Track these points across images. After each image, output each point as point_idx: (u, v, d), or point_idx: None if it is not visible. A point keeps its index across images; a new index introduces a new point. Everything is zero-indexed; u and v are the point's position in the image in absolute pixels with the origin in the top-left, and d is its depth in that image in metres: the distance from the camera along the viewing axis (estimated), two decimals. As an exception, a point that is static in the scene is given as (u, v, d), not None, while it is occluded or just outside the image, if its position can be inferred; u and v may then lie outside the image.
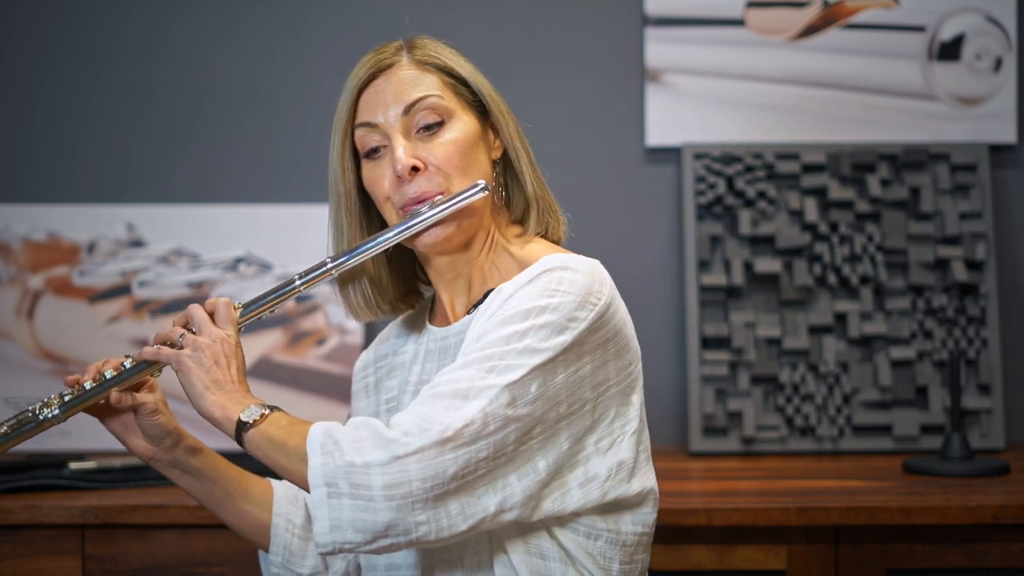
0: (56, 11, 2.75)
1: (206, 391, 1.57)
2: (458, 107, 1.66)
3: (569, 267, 1.56)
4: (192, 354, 1.58)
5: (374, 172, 1.65)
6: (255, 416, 1.54)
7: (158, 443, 1.71)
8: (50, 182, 2.75)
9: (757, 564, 2.15)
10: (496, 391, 1.48)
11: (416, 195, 1.62)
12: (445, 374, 1.52)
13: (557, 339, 1.52)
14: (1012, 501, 2.13)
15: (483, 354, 1.51)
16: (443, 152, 1.63)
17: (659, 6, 2.71)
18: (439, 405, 1.48)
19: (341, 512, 1.46)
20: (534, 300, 1.53)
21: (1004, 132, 2.72)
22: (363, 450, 1.46)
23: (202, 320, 1.62)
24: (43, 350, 2.65)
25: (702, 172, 2.69)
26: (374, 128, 1.64)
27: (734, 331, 2.63)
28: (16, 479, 2.23)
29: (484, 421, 1.47)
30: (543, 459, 1.53)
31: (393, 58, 1.67)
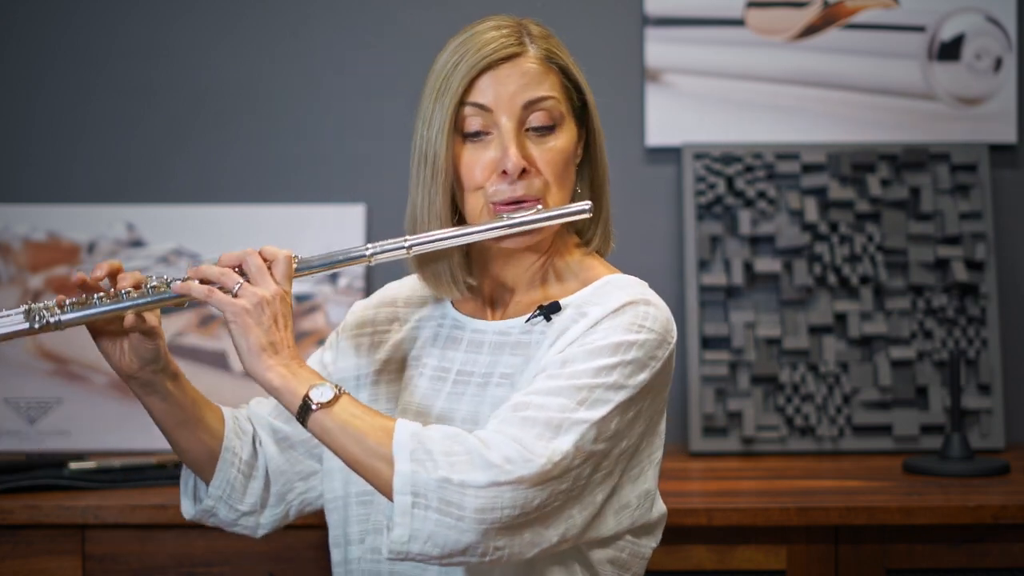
0: (56, 11, 2.75)
1: (263, 352, 1.50)
2: (568, 113, 1.64)
3: (651, 302, 1.57)
4: (252, 308, 1.51)
5: (473, 156, 1.59)
6: (327, 398, 1.48)
7: (145, 364, 1.63)
8: (50, 182, 2.75)
9: (757, 564, 2.15)
10: (586, 427, 1.48)
11: (519, 197, 1.58)
12: (532, 395, 1.49)
13: (639, 378, 1.52)
14: (1012, 501, 2.13)
15: (573, 384, 1.49)
16: (551, 159, 1.60)
17: (659, 6, 2.71)
18: (532, 433, 1.46)
19: (424, 524, 1.43)
20: (622, 335, 1.52)
21: (1004, 132, 2.72)
22: (460, 468, 1.43)
23: (261, 269, 1.55)
24: (43, 350, 2.65)
25: (702, 172, 2.69)
26: (486, 112, 1.59)
27: (734, 331, 2.63)
28: (16, 479, 2.24)
29: (574, 455, 1.47)
30: (601, 493, 1.53)
31: (518, 47, 1.61)
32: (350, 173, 2.74)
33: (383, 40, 2.74)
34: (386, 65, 2.75)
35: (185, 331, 2.63)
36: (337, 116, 2.75)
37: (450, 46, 1.64)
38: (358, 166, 2.74)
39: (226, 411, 1.75)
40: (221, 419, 1.73)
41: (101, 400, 2.62)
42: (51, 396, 2.63)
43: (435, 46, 2.75)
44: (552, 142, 1.61)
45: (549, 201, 1.60)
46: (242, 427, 1.75)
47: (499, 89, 1.59)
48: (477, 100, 1.59)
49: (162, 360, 1.65)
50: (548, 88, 1.61)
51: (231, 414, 1.75)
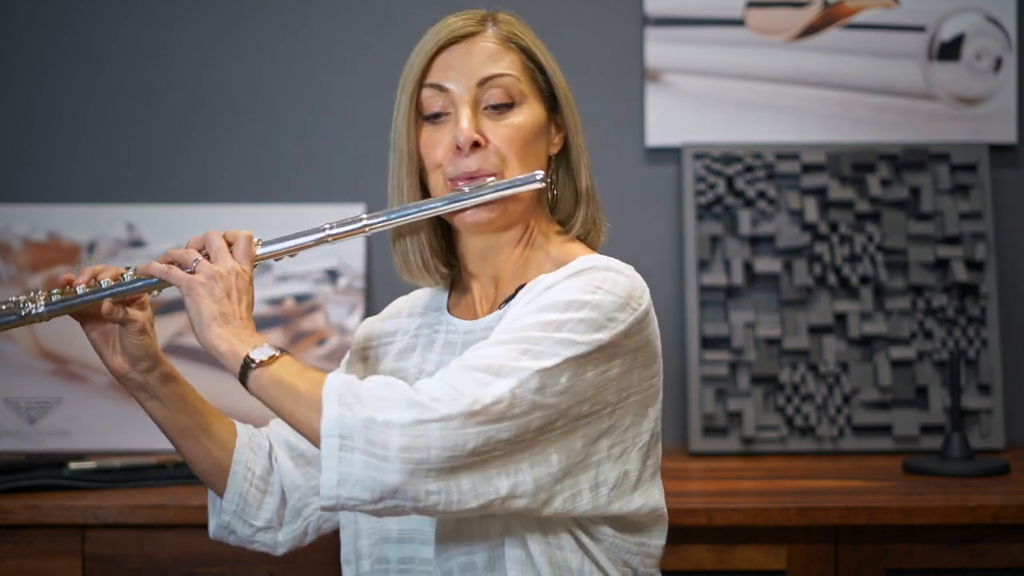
0: (56, 11, 2.75)
1: (212, 322, 1.52)
2: (531, 93, 1.63)
3: (613, 268, 1.55)
4: (205, 281, 1.54)
5: (432, 137, 1.61)
6: (265, 356, 1.50)
7: (135, 363, 1.67)
8: (50, 182, 2.75)
9: (757, 564, 2.15)
10: (528, 374, 1.45)
11: (471, 171, 1.59)
12: (477, 350, 1.49)
13: (594, 335, 1.50)
14: (1012, 501, 2.13)
15: (519, 335, 1.48)
16: (507, 134, 1.60)
17: (659, 6, 2.71)
18: (469, 377, 1.45)
19: (352, 467, 1.42)
20: (576, 294, 1.51)
21: (1004, 132, 2.72)
22: (386, 407, 1.42)
23: (220, 249, 1.57)
24: (43, 350, 2.65)
25: (702, 172, 2.69)
26: (443, 92, 1.61)
27: (734, 331, 2.63)
28: (16, 479, 2.24)
29: (512, 401, 1.45)
30: (556, 453, 1.49)
31: (478, 27, 1.63)
32: (350, 173, 2.74)
33: (383, 40, 2.74)
34: (386, 65, 2.74)
35: (185, 331, 2.63)
36: (337, 116, 2.75)
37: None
38: (358, 166, 2.74)
39: (242, 427, 1.77)
40: (232, 432, 1.75)
41: (101, 400, 2.62)
42: (51, 396, 2.63)
43: (435, 46, 2.76)
44: (510, 118, 1.61)
45: (508, 176, 1.60)
46: (257, 442, 1.76)
47: (453, 66, 1.61)
48: (434, 80, 1.61)
49: (152, 358, 1.67)
50: (506, 66, 1.62)
51: (247, 430, 1.77)
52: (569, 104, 1.67)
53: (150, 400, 1.69)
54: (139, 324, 1.66)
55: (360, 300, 2.66)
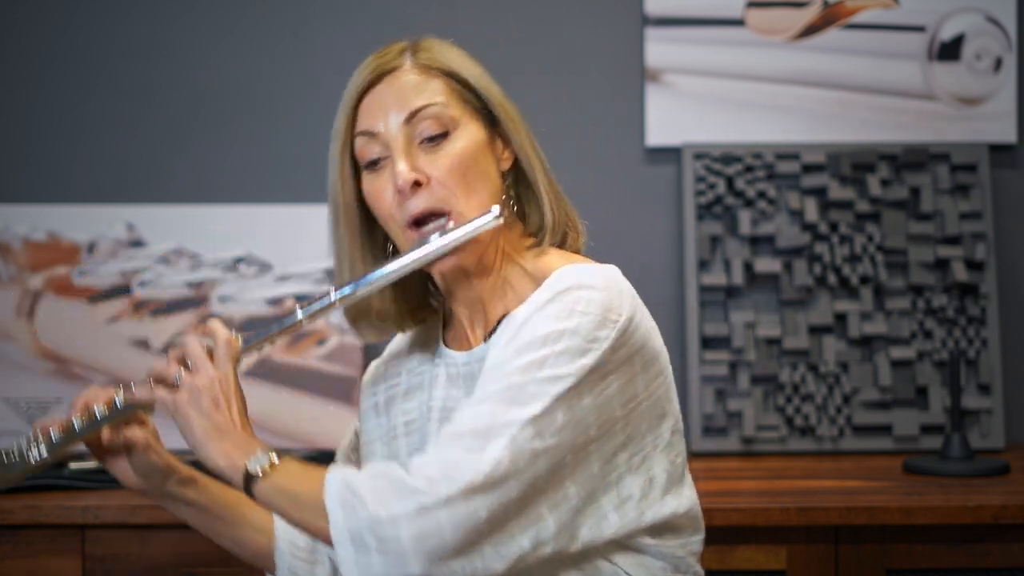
0: (56, 11, 2.75)
1: (207, 439, 1.49)
2: (464, 115, 1.56)
3: (584, 284, 1.47)
4: (189, 398, 1.51)
5: (375, 185, 1.56)
6: (263, 465, 1.47)
7: (148, 478, 1.65)
8: (50, 182, 2.75)
9: (757, 564, 2.15)
10: (519, 426, 1.40)
11: (419, 212, 1.53)
12: (463, 410, 1.44)
13: (579, 363, 1.43)
14: (1012, 501, 2.13)
15: (501, 385, 1.42)
16: (446, 165, 1.53)
17: (659, 6, 2.71)
18: (460, 447, 1.40)
19: (372, 569, 1.38)
20: (551, 324, 1.44)
21: (1004, 132, 2.72)
22: (386, 501, 1.38)
23: (199, 358, 1.53)
24: (43, 350, 2.65)
25: (702, 172, 2.69)
26: (374, 137, 1.56)
27: (734, 331, 2.63)
28: (16, 479, 2.23)
29: (511, 459, 1.39)
30: (573, 485, 1.45)
31: (395, 61, 1.57)
32: (350, 173, 2.74)
33: (383, 40, 2.73)
34: (386, 65, 2.74)
35: (185, 331, 2.63)
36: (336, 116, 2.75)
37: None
38: (358, 166, 2.74)
39: None
40: (267, 513, 1.71)
41: (101, 400, 2.62)
42: (51, 396, 2.63)
43: (435, 46, 2.76)
44: (447, 148, 1.54)
45: (459, 208, 1.54)
46: None
47: (378, 108, 1.56)
48: (364, 128, 1.57)
49: (164, 470, 1.66)
50: (431, 95, 1.55)
51: None
52: (509, 114, 1.60)
53: (176, 505, 1.68)
54: (141, 444, 1.63)
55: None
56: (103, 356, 2.63)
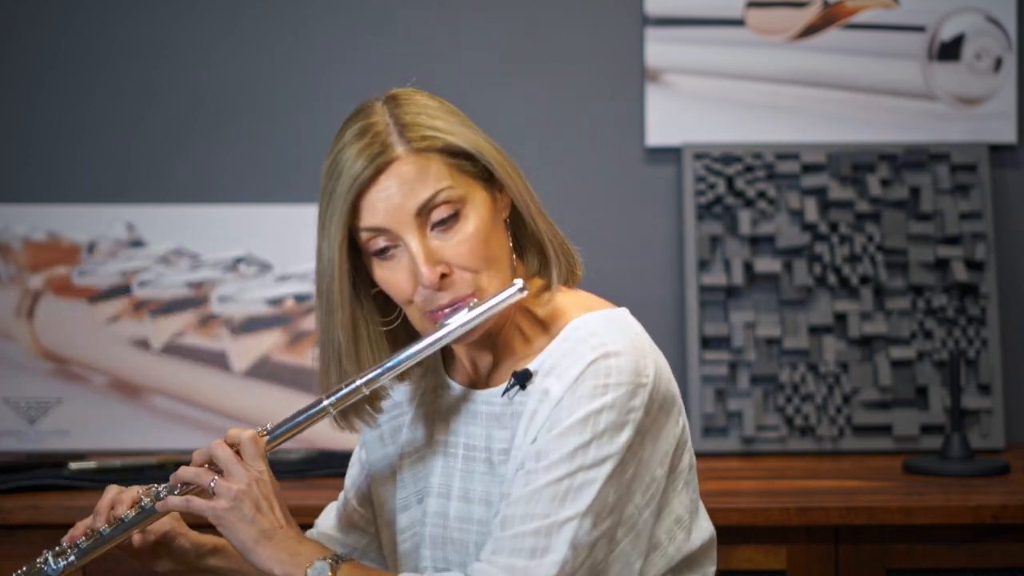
0: (56, 11, 2.75)
1: (257, 545, 1.47)
2: (468, 188, 1.50)
3: (610, 352, 1.46)
4: (230, 506, 1.47)
5: (391, 275, 1.50)
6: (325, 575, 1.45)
7: (182, 561, 1.63)
8: (50, 182, 2.75)
9: (757, 564, 2.15)
10: (577, 521, 1.42)
11: (449, 302, 1.49)
12: (514, 505, 1.44)
13: (620, 440, 1.45)
14: (1012, 501, 2.13)
15: (550, 478, 1.43)
16: (465, 251, 1.48)
17: (659, 6, 2.71)
18: (524, 554, 1.42)
19: None
20: (588, 404, 1.44)
21: (1004, 132, 2.72)
22: None
23: (229, 460, 1.50)
24: (43, 350, 2.65)
25: (702, 172, 2.69)
26: (383, 232, 1.49)
27: (734, 331, 2.63)
28: (16, 479, 2.24)
29: (575, 555, 1.42)
30: (638, 557, 1.48)
31: (389, 152, 1.49)
32: (350, 173, 2.74)
33: (383, 40, 2.74)
34: (386, 65, 2.74)
35: (185, 331, 2.63)
36: (337, 116, 2.74)
37: (325, 164, 1.55)
38: (358, 166, 2.73)
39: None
40: None
41: (101, 400, 2.62)
42: (51, 396, 2.63)
43: (434, 46, 2.76)
44: (462, 230, 1.49)
45: (483, 286, 1.50)
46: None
47: (384, 205, 1.48)
48: (371, 224, 1.50)
49: (193, 551, 1.63)
50: (435, 182, 1.48)
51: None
52: (501, 163, 1.53)
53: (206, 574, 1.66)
54: (171, 535, 1.61)
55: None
56: (103, 356, 2.63)
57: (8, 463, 2.29)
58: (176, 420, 2.61)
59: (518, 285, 1.48)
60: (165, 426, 2.60)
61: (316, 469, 2.35)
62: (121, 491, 1.57)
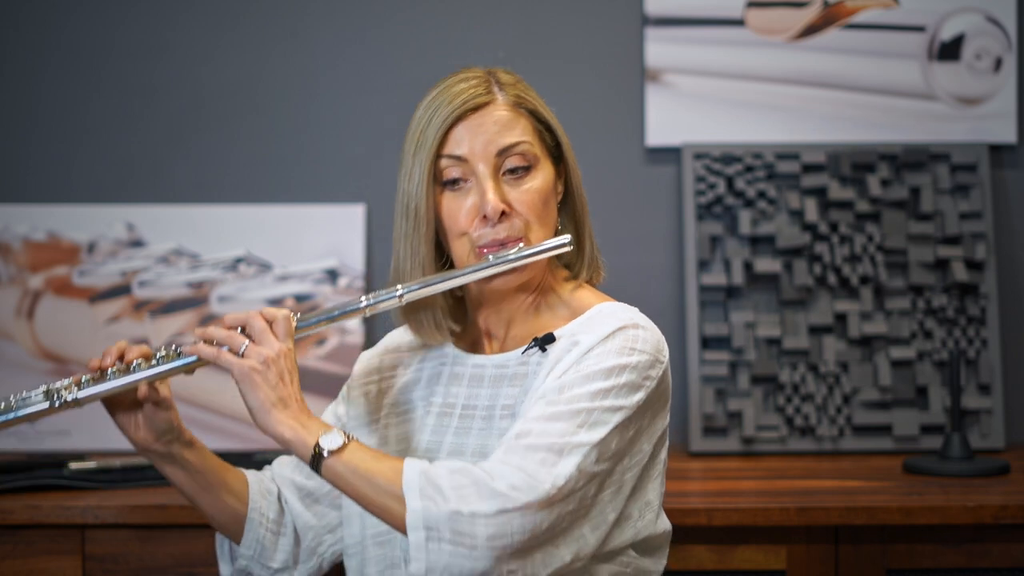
0: (56, 11, 2.75)
1: (273, 408, 1.57)
2: (542, 154, 1.69)
3: (639, 325, 1.63)
4: (259, 368, 1.58)
5: (454, 204, 1.67)
6: (336, 445, 1.55)
7: (160, 436, 1.72)
8: (50, 182, 2.75)
9: (757, 564, 2.15)
10: (587, 449, 1.54)
11: (501, 239, 1.65)
12: (532, 422, 1.55)
13: (635, 397, 1.59)
14: (1012, 501, 2.13)
15: (572, 408, 1.56)
16: (529, 200, 1.66)
17: (659, 6, 2.71)
18: (535, 458, 1.52)
19: (440, 556, 1.50)
20: (615, 358, 1.59)
21: (1004, 132, 2.72)
22: (468, 499, 1.50)
23: (263, 331, 1.61)
24: (43, 350, 2.65)
25: (702, 172, 2.69)
26: (462, 162, 1.66)
27: (734, 331, 2.63)
28: (16, 479, 2.24)
29: (577, 478, 1.53)
30: (613, 512, 1.60)
31: (487, 96, 1.67)
32: (350, 173, 2.74)
33: (383, 40, 2.75)
34: (386, 65, 2.75)
35: (185, 331, 2.63)
36: (336, 116, 2.75)
37: (424, 101, 1.69)
38: (358, 166, 2.74)
39: (250, 474, 1.82)
40: (245, 482, 1.80)
41: (101, 400, 2.62)
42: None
43: (434, 47, 2.77)
44: (528, 183, 1.67)
45: (531, 239, 1.66)
46: (267, 487, 1.82)
47: (472, 139, 1.66)
48: (453, 152, 1.66)
49: (176, 430, 1.72)
50: (520, 133, 1.67)
51: (255, 476, 1.82)
52: (570, 155, 1.74)
53: (170, 466, 1.76)
54: (167, 402, 1.71)
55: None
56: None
57: (8, 463, 2.29)
58: (176, 420, 2.60)
59: (567, 238, 1.66)
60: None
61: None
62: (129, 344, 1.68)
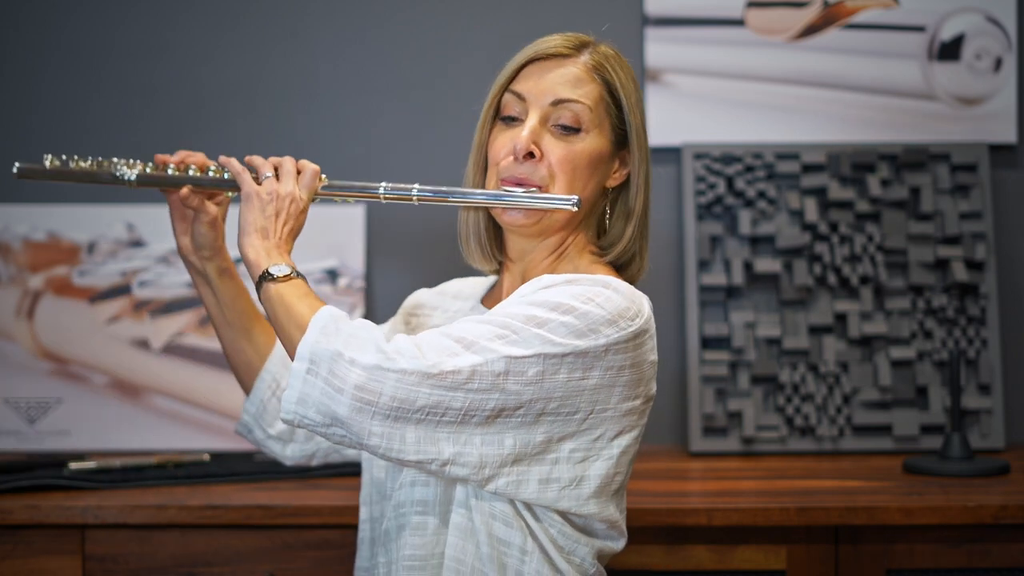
0: (56, 11, 2.75)
1: (253, 232, 1.69)
2: (600, 126, 1.72)
3: (612, 287, 1.63)
4: (263, 196, 1.71)
5: (500, 136, 1.74)
6: (281, 273, 1.65)
7: (199, 249, 1.86)
8: (50, 182, 2.74)
9: (757, 564, 2.15)
10: (495, 356, 1.56)
11: (519, 177, 1.70)
12: (462, 321, 1.61)
13: (572, 341, 1.58)
14: (1012, 501, 2.13)
15: (501, 319, 1.59)
16: (563, 155, 1.70)
17: (659, 6, 2.71)
18: (440, 344, 1.57)
19: (312, 390, 1.56)
20: (567, 299, 1.60)
21: (1004, 132, 2.72)
22: (354, 347, 1.55)
23: (288, 173, 1.74)
24: (43, 350, 2.65)
25: (702, 172, 2.69)
26: (521, 99, 1.72)
27: (734, 331, 2.63)
28: (16, 479, 2.24)
29: (470, 375, 1.55)
30: (512, 439, 1.59)
31: (571, 51, 1.73)
32: (350, 173, 2.74)
33: (383, 40, 2.75)
34: (386, 65, 2.75)
35: (185, 331, 2.63)
36: (336, 116, 2.75)
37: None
38: (358, 166, 2.74)
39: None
40: (271, 343, 1.91)
41: (101, 400, 2.63)
42: (51, 396, 2.63)
43: (434, 46, 2.76)
44: (571, 142, 1.70)
45: (550, 191, 1.71)
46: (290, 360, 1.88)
47: (537, 81, 1.72)
48: (516, 88, 1.73)
49: (212, 250, 1.87)
50: (583, 94, 1.71)
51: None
52: (641, 144, 1.75)
53: (204, 286, 1.89)
54: (210, 216, 1.85)
55: (360, 300, 2.66)
56: (103, 356, 2.64)
57: (8, 463, 2.29)
58: (176, 420, 2.61)
59: (573, 200, 1.69)
60: (165, 426, 2.61)
61: (316, 469, 2.35)
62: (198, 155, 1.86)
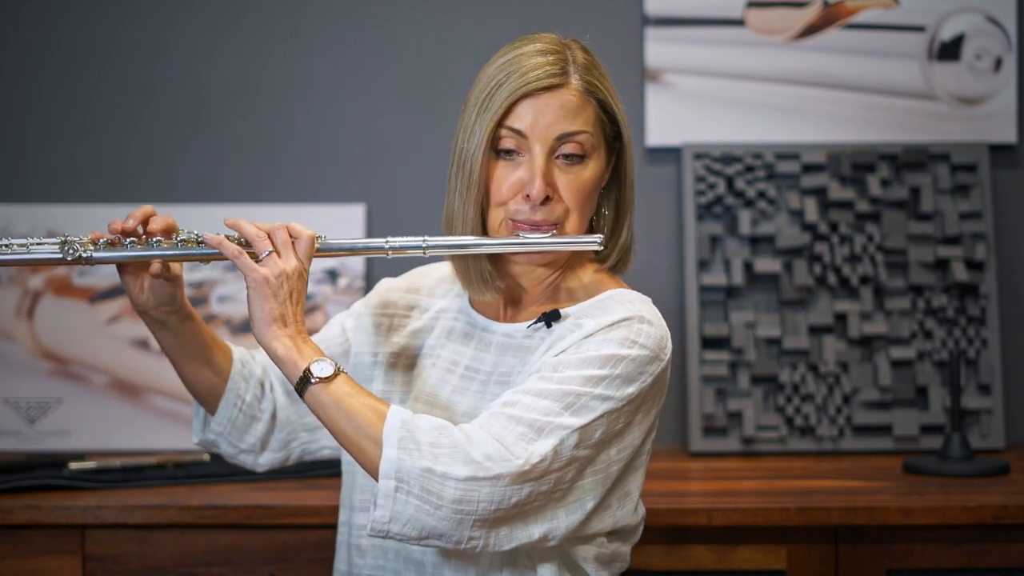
0: (56, 11, 2.75)
1: (273, 322, 1.60)
2: (600, 144, 1.69)
3: (646, 319, 1.63)
4: (272, 280, 1.61)
5: (503, 173, 1.67)
6: (327, 373, 1.57)
7: (160, 304, 1.74)
8: (50, 182, 2.75)
9: (757, 564, 2.15)
10: (567, 432, 1.55)
11: (536, 222, 1.66)
12: (521, 394, 1.57)
13: (627, 390, 1.59)
14: (1012, 501, 2.13)
15: (561, 389, 1.57)
16: (576, 188, 1.66)
17: (659, 6, 2.71)
18: (515, 432, 1.55)
19: (405, 508, 1.52)
20: (614, 348, 1.60)
21: (1004, 132, 2.72)
22: (443, 460, 1.52)
23: (286, 244, 1.65)
24: (43, 350, 2.65)
25: (702, 172, 2.69)
26: (520, 135, 1.66)
27: (734, 331, 2.63)
28: (16, 479, 2.24)
29: (553, 459, 1.55)
30: (593, 500, 1.61)
31: (561, 78, 1.66)
32: (350, 173, 2.74)
33: (383, 40, 2.74)
34: (386, 65, 2.75)
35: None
36: (336, 116, 2.75)
37: (496, 62, 1.69)
38: (358, 166, 2.74)
39: (236, 352, 1.85)
40: (229, 360, 1.83)
41: (101, 400, 2.62)
42: (51, 396, 2.63)
43: (434, 46, 2.76)
44: (579, 172, 1.67)
45: (567, 227, 1.67)
46: (249, 370, 1.85)
47: (536, 117, 1.65)
48: (514, 125, 1.65)
49: (177, 303, 1.75)
50: (583, 122, 1.67)
51: (240, 357, 1.85)
52: (630, 145, 1.74)
53: (162, 331, 1.78)
54: (176, 277, 1.74)
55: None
56: (103, 356, 2.64)
57: (8, 463, 2.29)
58: (176, 420, 2.61)
59: (598, 240, 1.67)
60: (165, 426, 2.61)
61: (316, 469, 2.35)
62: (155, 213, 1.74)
